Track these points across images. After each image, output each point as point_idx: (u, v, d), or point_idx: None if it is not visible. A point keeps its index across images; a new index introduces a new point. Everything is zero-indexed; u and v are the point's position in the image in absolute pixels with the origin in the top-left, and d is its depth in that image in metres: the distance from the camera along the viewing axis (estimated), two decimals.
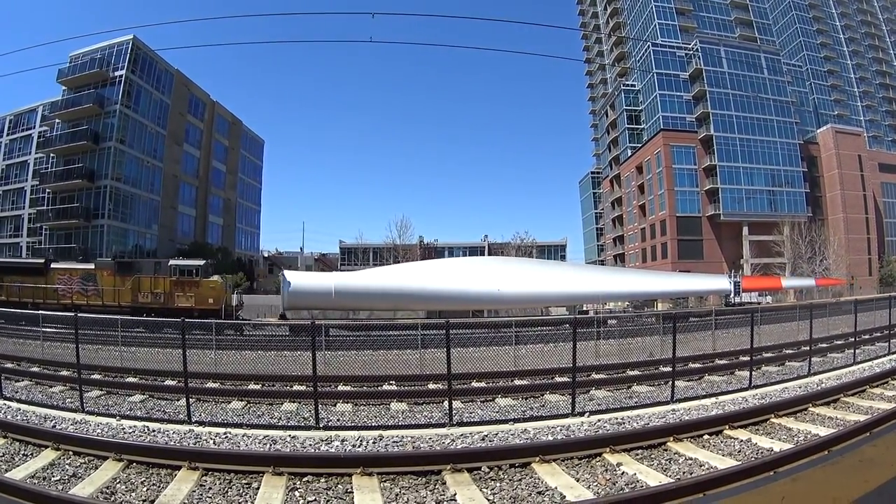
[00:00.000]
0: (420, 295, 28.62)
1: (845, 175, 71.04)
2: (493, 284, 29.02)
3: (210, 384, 12.32)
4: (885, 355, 15.45)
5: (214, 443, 7.55)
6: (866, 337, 18.40)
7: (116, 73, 51.38)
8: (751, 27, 73.63)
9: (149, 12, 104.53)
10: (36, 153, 56.82)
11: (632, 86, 74.88)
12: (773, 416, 8.62)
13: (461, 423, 8.71)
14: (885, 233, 75.20)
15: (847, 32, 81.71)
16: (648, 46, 68.21)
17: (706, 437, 7.66)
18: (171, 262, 28.58)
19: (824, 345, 17.37)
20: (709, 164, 64.47)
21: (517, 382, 12.77)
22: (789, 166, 67.52)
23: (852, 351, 15.46)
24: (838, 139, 71.59)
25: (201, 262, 28.66)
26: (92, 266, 28.17)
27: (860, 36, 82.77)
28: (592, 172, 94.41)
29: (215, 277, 28.74)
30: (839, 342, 17.90)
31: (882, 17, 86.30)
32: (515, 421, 8.79)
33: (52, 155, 52.73)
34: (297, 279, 28.93)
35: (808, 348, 14.79)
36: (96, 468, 6.29)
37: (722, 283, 36.93)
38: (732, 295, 36.50)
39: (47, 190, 52.17)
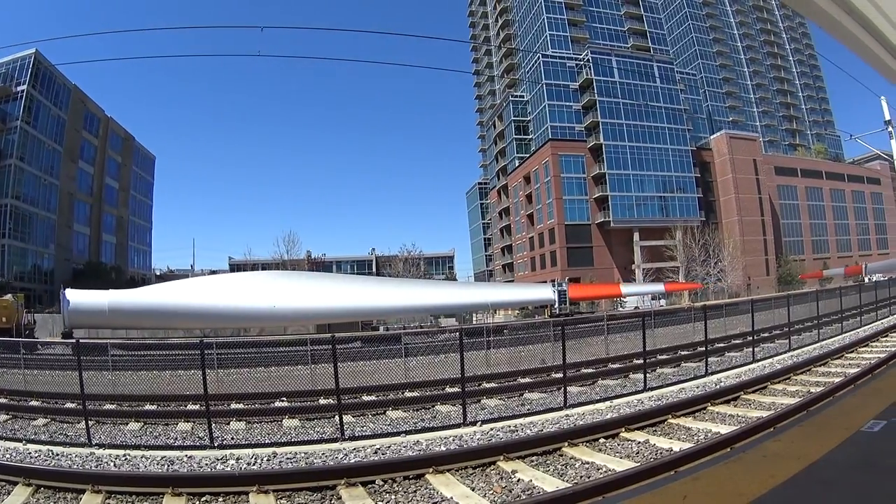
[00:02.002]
0: (191, 313, 28.17)
1: (740, 179, 72.60)
2: (270, 300, 28.67)
3: (108, 406, 12.39)
4: (785, 352, 15.60)
5: (115, 465, 7.64)
6: (765, 335, 18.51)
7: (19, 88, 50.95)
8: (644, 37, 75.27)
9: (42, 26, 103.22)
10: None
11: (520, 97, 75.87)
12: (670, 416, 8.56)
13: (353, 438, 8.82)
14: (782, 233, 76.95)
15: (745, 41, 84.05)
16: (538, 58, 69.26)
17: (602, 440, 7.65)
18: None
19: (722, 344, 17.56)
20: (598, 172, 65.39)
21: (408, 395, 12.89)
22: (681, 172, 68.84)
23: (751, 349, 15.54)
24: (733, 144, 73.23)
25: None
26: None
27: (759, 44, 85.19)
28: (480, 183, 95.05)
29: (7, 297, 28.78)
30: (737, 341, 18.09)
31: (783, 26, 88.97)
32: (407, 433, 8.85)
33: None
34: (76, 297, 28.25)
35: (703, 349, 14.83)
36: (9, 493, 6.51)
37: (545, 293, 36.06)
38: (557, 304, 35.68)
39: None
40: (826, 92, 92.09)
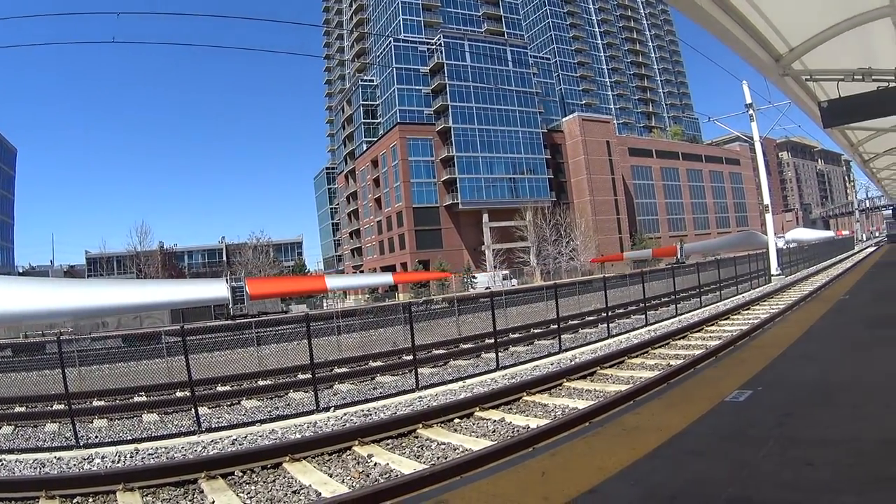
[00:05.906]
0: None
1: (592, 160, 75.79)
2: None
3: None
4: (642, 327, 15.87)
5: None
6: (621, 311, 18.95)
7: None
8: (499, 22, 76.83)
9: None
10: None
11: (370, 81, 76.18)
12: (525, 394, 8.58)
13: (210, 429, 8.84)
14: (636, 213, 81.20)
15: (603, 26, 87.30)
16: (390, 41, 69.56)
17: (457, 420, 7.67)
18: None
19: (576, 322, 17.84)
20: (446, 155, 66.65)
21: (261, 383, 13.09)
22: (532, 154, 71.13)
23: (606, 325, 15.62)
24: (585, 126, 76.26)
25: None
26: None
27: (617, 29, 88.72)
28: (328, 168, 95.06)
29: None
30: (591, 318, 18.31)
31: (644, 12, 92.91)
32: (262, 422, 8.93)
33: None
34: None
35: (556, 326, 14.95)
36: None
37: (216, 289, 28.26)
38: (231, 305, 28.77)
39: None
40: (685, 76, 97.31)
